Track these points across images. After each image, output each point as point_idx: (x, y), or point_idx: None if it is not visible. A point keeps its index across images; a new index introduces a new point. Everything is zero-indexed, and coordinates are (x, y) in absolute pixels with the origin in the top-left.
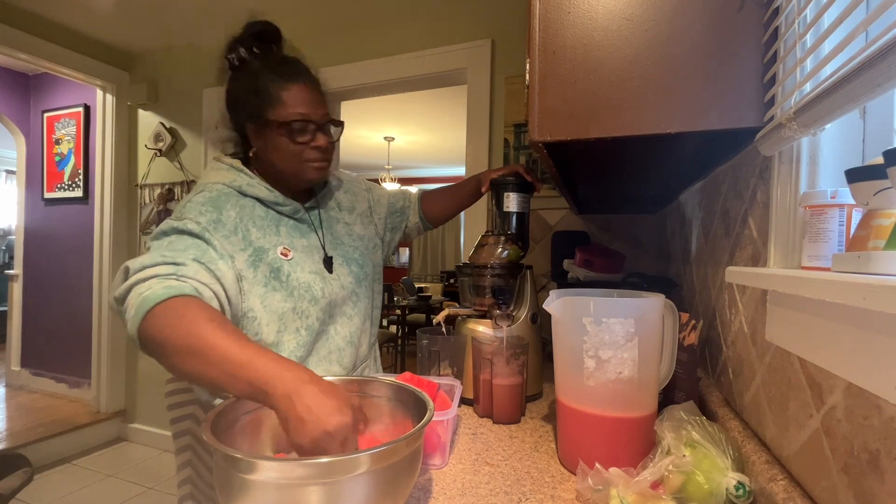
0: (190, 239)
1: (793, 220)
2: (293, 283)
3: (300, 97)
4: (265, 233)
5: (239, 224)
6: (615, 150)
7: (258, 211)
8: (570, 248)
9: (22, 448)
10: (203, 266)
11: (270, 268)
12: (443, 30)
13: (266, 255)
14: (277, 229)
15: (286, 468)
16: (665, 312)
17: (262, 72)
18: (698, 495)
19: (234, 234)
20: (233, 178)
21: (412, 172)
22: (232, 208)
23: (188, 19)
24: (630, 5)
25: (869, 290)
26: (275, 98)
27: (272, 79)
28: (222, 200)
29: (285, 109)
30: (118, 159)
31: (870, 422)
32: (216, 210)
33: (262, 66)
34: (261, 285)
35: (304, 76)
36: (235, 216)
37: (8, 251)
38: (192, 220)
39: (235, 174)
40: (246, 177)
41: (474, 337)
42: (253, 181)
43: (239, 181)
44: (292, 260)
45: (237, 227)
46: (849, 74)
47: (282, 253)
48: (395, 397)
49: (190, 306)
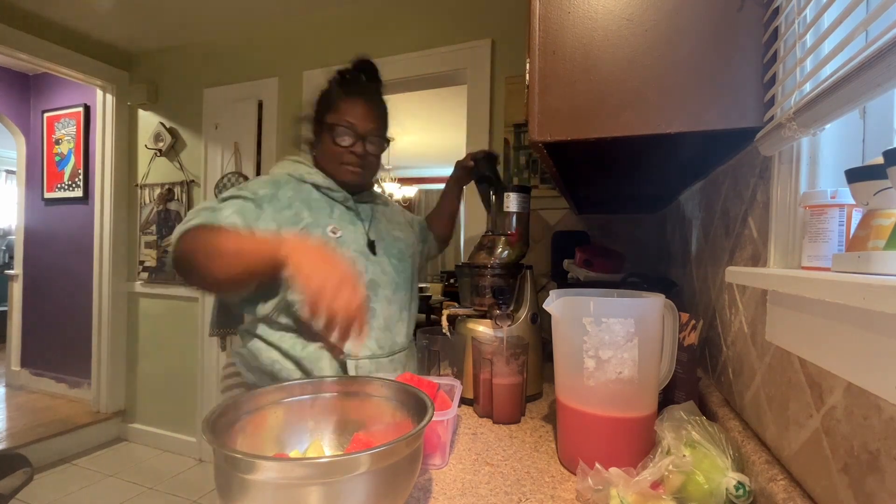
0: (241, 201)
1: (793, 220)
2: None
3: (352, 109)
4: (318, 214)
5: (293, 202)
6: (615, 150)
7: (314, 195)
8: (570, 248)
9: (22, 448)
10: (240, 217)
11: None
12: (443, 30)
13: (317, 230)
14: (331, 211)
15: (286, 468)
16: (665, 312)
17: (336, 85)
18: (698, 495)
19: (287, 209)
20: (295, 168)
21: (412, 172)
22: (289, 190)
23: (188, 19)
24: (630, 5)
25: (869, 290)
26: (333, 105)
27: (339, 91)
28: (282, 183)
29: (337, 115)
30: (118, 159)
31: (870, 422)
32: (274, 187)
33: (339, 82)
34: None
35: (365, 95)
36: (291, 196)
37: (8, 251)
38: (250, 190)
39: (297, 165)
40: (306, 167)
41: (474, 337)
42: (312, 170)
43: (300, 170)
44: (340, 238)
45: (291, 204)
46: (849, 74)
47: (331, 231)
48: (395, 397)
49: (214, 230)
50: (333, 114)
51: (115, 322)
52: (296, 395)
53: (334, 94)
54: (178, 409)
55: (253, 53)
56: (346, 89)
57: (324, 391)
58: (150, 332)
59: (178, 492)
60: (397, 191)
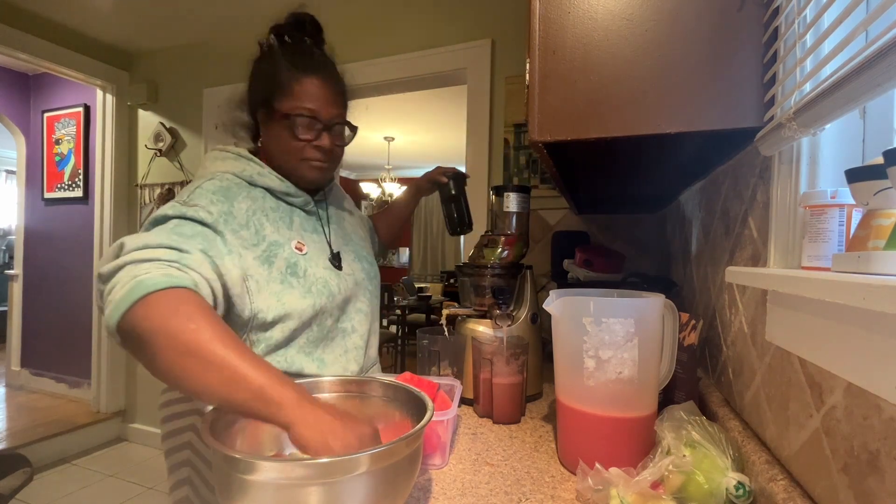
0: (198, 227)
1: (793, 220)
2: (311, 279)
3: (311, 91)
4: (278, 226)
5: (251, 217)
6: (615, 150)
7: (269, 202)
8: (570, 248)
9: (22, 448)
10: (209, 259)
11: (287, 263)
12: (443, 30)
13: (282, 249)
14: (290, 221)
15: (286, 468)
16: (665, 312)
17: (280, 58)
18: (698, 495)
19: (245, 227)
20: (242, 168)
21: (412, 172)
22: (244, 200)
23: (188, 19)
24: (630, 5)
25: (869, 290)
26: (286, 87)
27: (287, 67)
28: (233, 192)
29: (292, 101)
30: (118, 159)
31: (870, 422)
32: (227, 201)
33: (283, 52)
34: (277, 282)
35: (323, 70)
36: (247, 209)
37: (8, 251)
38: (203, 208)
39: (245, 163)
40: (256, 166)
41: (474, 337)
42: (263, 170)
43: (249, 170)
44: (307, 255)
45: (249, 221)
46: (849, 74)
47: (296, 247)
48: (395, 397)
49: (187, 301)
50: (286, 98)
51: None
52: None
53: (282, 71)
54: None
55: (253, 53)
56: (296, 63)
57: (323, 391)
58: None
59: None
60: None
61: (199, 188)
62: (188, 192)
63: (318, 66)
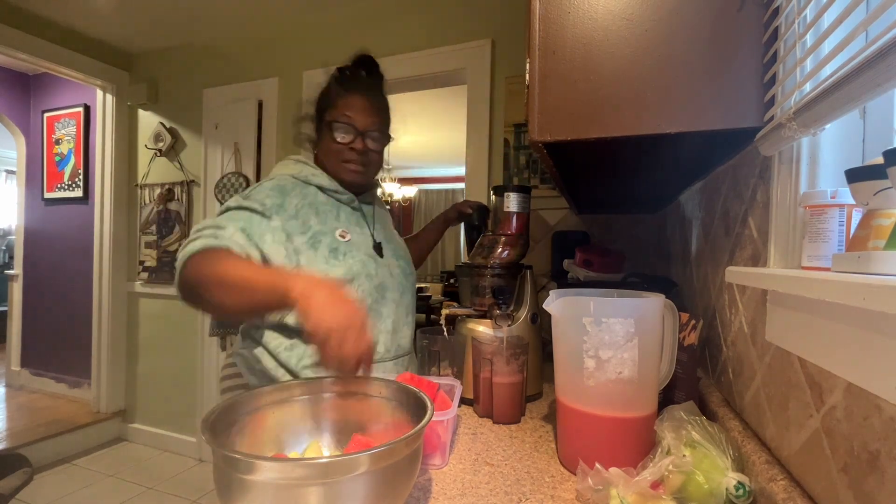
0: (247, 213)
1: (793, 220)
2: (350, 261)
3: (352, 104)
4: (325, 219)
5: (300, 210)
6: (615, 150)
7: (320, 198)
8: (570, 248)
9: (22, 448)
10: (243, 233)
11: (329, 248)
12: (443, 30)
13: (325, 237)
14: (338, 214)
15: (286, 468)
16: (665, 312)
17: (336, 82)
18: (698, 495)
19: (294, 218)
20: (299, 170)
21: (412, 172)
22: (295, 196)
23: (188, 19)
24: (630, 5)
25: (869, 290)
26: (333, 102)
27: (337, 88)
28: (287, 189)
29: (335, 111)
30: (118, 159)
31: (870, 422)
32: (281, 196)
33: (338, 78)
34: (322, 262)
35: (365, 90)
36: (297, 203)
37: (8, 251)
38: (258, 201)
39: (301, 166)
40: (310, 168)
41: (474, 337)
42: (316, 171)
43: (304, 172)
44: (349, 241)
45: (298, 213)
46: (849, 74)
47: (340, 235)
48: (395, 397)
49: (218, 254)
50: (332, 110)
51: (115, 322)
52: (295, 396)
53: (333, 91)
54: (178, 409)
55: (253, 53)
56: (344, 85)
57: (323, 391)
58: (150, 332)
59: (178, 492)
60: (397, 191)
61: (260, 186)
62: (250, 189)
63: (361, 87)
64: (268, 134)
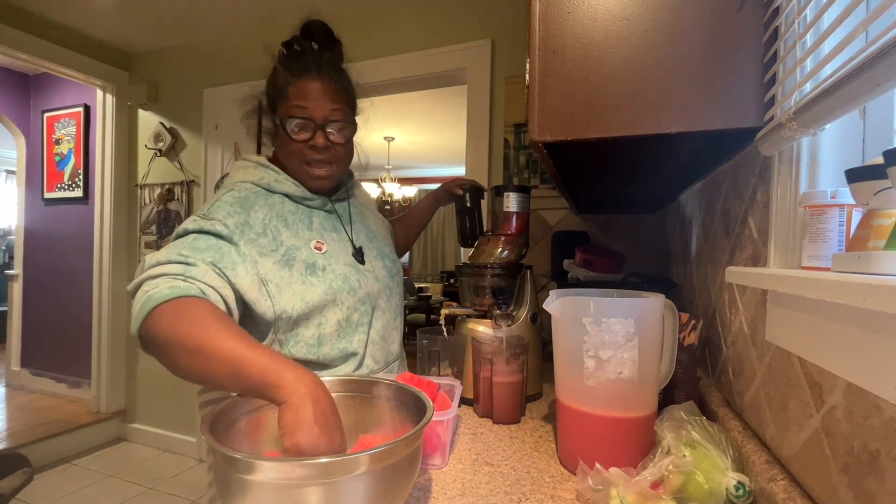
0: (213, 240)
1: (793, 220)
2: (329, 276)
3: (303, 92)
4: (297, 229)
5: (268, 225)
6: (615, 150)
7: (288, 206)
8: (570, 248)
9: (22, 448)
10: (215, 269)
11: (305, 264)
12: (443, 30)
13: (299, 252)
14: (310, 222)
15: (285, 469)
16: (665, 312)
17: (279, 63)
18: (698, 495)
19: (262, 235)
20: (260, 176)
21: (412, 172)
22: (261, 209)
23: (188, 19)
24: (630, 5)
25: (869, 290)
26: (282, 92)
27: (283, 72)
28: (251, 201)
29: (287, 104)
30: (118, 159)
31: (870, 422)
32: (245, 212)
33: (281, 57)
34: (298, 283)
35: (316, 70)
36: (264, 217)
37: (8, 251)
38: (220, 221)
39: (262, 171)
40: (273, 173)
41: (474, 337)
42: (280, 177)
43: (266, 178)
44: (326, 253)
45: (266, 229)
46: (849, 74)
47: (315, 247)
48: (395, 397)
49: (193, 306)
50: (283, 102)
51: (115, 322)
52: None
53: (280, 76)
54: (178, 409)
55: (253, 53)
56: (292, 67)
57: None
58: None
59: (178, 492)
60: (397, 191)
61: (219, 201)
62: (209, 204)
63: (310, 66)
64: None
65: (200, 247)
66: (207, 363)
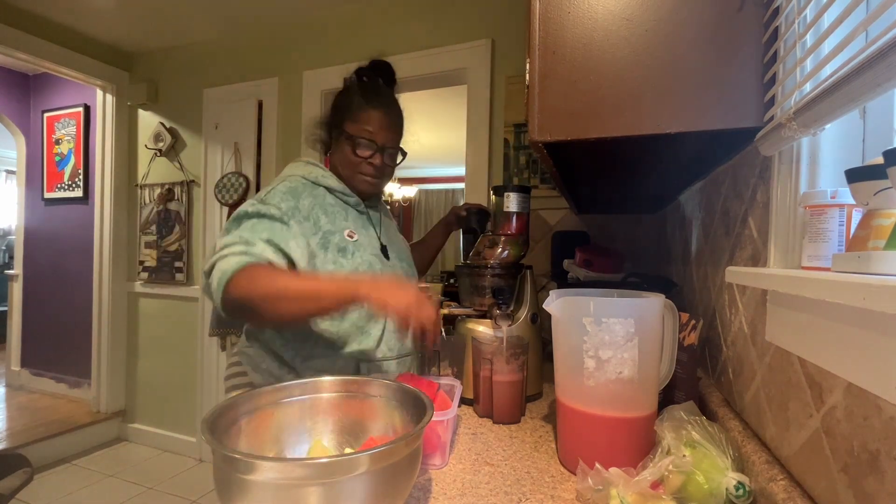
0: (269, 222)
1: (793, 220)
2: (357, 260)
3: (373, 120)
4: (334, 219)
5: (311, 212)
6: (615, 150)
7: (329, 199)
8: (570, 248)
9: (22, 448)
10: (271, 245)
11: (338, 248)
12: (443, 30)
13: (334, 237)
14: (346, 215)
15: (286, 468)
16: (665, 312)
17: (357, 92)
18: (698, 495)
19: (307, 220)
20: (309, 171)
21: (412, 172)
22: (306, 198)
23: (188, 19)
24: (630, 5)
25: (869, 290)
26: (355, 114)
27: (360, 100)
28: (299, 190)
29: (357, 126)
30: (118, 159)
31: (870, 422)
32: (295, 199)
33: (358, 86)
34: (331, 263)
35: (387, 106)
36: (309, 205)
37: (8, 251)
38: (275, 206)
39: (311, 168)
40: (320, 169)
41: (474, 337)
42: (325, 173)
43: (315, 173)
44: (357, 241)
45: (310, 215)
46: (849, 74)
47: (348, 235)
48: (395, 397)
49: (262, 268)
50: (353, 123)
51: (115, 322)
52: (295, 396)
53: (354, 102)
54: (178, 409)
55: (253, 53)
56: (367, 98)
57: (323, 391)
58: (150, 332)
59: (178, 492)
60: (397, 191)
61: (274, 189)
62: (265, 191)
63: (383, 101)
64: (268, 134)
65: (258, 228)
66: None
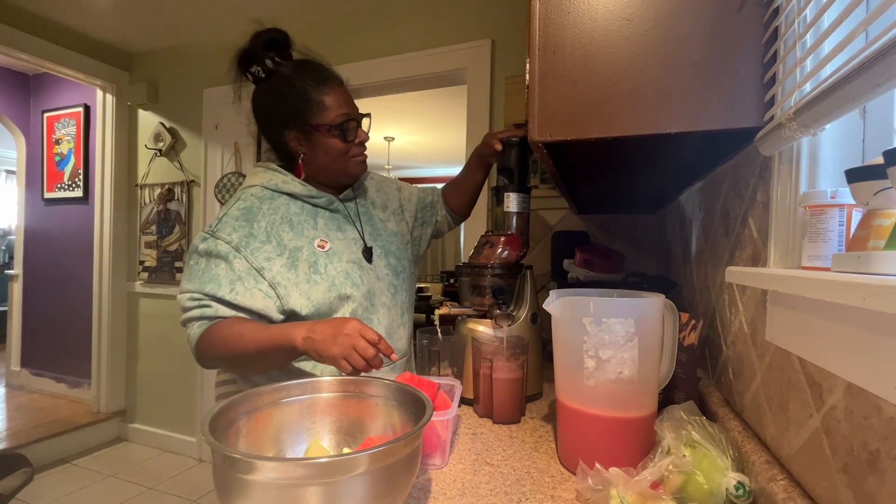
0: (216, 267)
1: (793, 220)
2: (332, 272)
3: (341, 99)
4: (301, 230)
5: (271, 232)
6: (615, 150)
7: (293, 208)
8: (570, 248)
9: (22, 448)
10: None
11: (308, 264)
12: (443, 30)
13: (301, 252)
14: (315, 222)
15: (286, 468)
16: (665, 312)
17: (296, 80)
18: (698, 495)
19: (266, 242)
20: (269, 178)
21: (412, 172)
22: (263, 217)
23: (188, 19)
24: (630, 5)
25: (869, 290)
26: (318, 103)
27: (311, 86)
28: (254, 212)
29: (332, 113)
30: (118, 159)
31: (870, 422)
32: (248, 223)
33: (293, 74)
34: (303, 282)
35: (337, 78)
36: (266, 225)
37: (8, 251)
38: (225, 239)
39: (271, 174)
40: (281, 175)
41: (474, 337)
42: (287, 178)
43: (275, 180)
44: (329, 251)
45: (269, 236)
46: (849, 74)
47: (318, 245)
48: (395, 397)
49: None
50: (325, 112)
51: (115, 322)
52: (294, 396)
53: (309, 92)
54: (178, 409)
55: None
56: (316, 80)
57: (322, 391)
58: (150, 332)
59: (178, 492)
60: None
61: (226, 216)
62: (217, 220)
63: (331, 75)
64: None
65: (205, 279)
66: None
